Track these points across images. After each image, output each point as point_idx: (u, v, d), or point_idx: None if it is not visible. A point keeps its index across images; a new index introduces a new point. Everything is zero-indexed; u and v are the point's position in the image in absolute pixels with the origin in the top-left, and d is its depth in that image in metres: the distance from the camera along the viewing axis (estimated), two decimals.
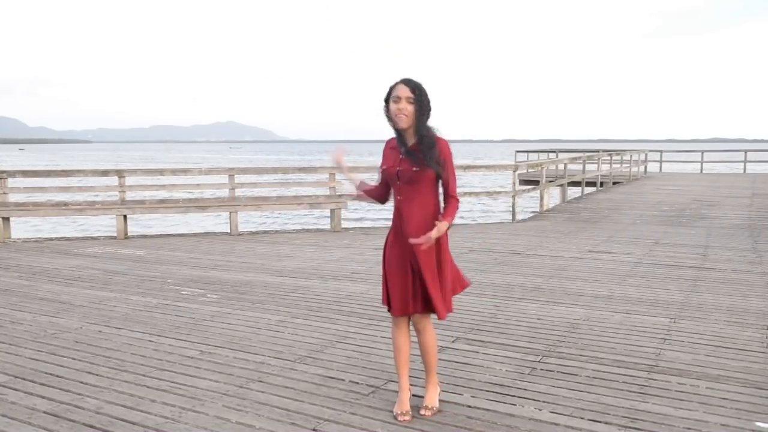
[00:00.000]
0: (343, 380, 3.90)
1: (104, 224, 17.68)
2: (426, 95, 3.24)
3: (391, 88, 3.26)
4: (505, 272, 7.21)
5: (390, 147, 3.36)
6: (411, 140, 3.28)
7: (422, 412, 3.41)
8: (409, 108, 3.21)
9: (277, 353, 4.44)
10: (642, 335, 4.76)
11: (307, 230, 12.50)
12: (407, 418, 3.34)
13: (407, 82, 3.23)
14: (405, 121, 3.22)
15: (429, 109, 3.26)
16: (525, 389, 3.74)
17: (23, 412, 3.50)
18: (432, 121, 3.30)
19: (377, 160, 3.62)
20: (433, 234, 3.16)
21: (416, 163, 3.22)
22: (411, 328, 3.45)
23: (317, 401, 3.59)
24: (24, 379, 4.00)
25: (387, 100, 3.27)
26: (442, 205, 3.35)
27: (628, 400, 3.57)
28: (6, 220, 10.69)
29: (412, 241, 3.19)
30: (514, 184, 13.39)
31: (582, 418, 3.34)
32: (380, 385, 3.81)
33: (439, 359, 4.21)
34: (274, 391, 3.74)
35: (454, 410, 3.45)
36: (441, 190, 3.35)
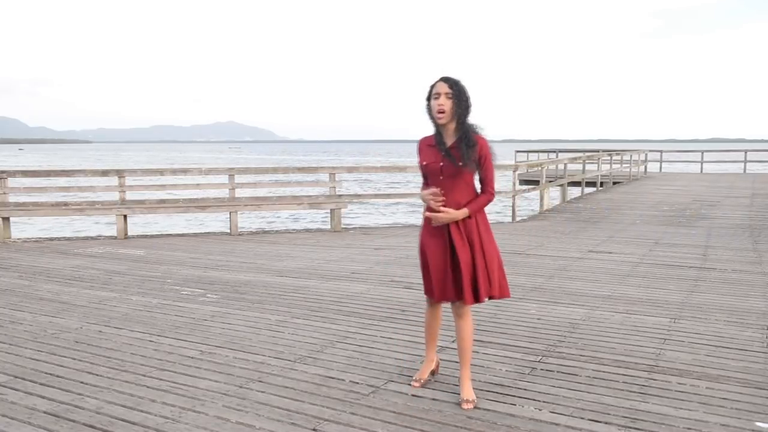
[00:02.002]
0: (343, 380, 3.90)
1: (104, 224, 17.69)
2: (464, 91, 3.36)
3: (432, 87, 3.38)
4: (506, 272, 7.19)
5: (427, 144, 3.48)
6: (451, 136, 3.42)
7: (464, 406, 3.49)
8: (448, 103, 3.33)
9: (277, 353, 4.43)
10: (642, 335, 4.76)
11: (307, 230, 12.50)
12: (417, 384, 3.73)
13: (446, 79, 3.36)
14: (444, 117, 3.35)
15: (468, 105, 3.38)
16: (525, 389, 3.74)
17: (23, 412, 3.50)
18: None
19: (379, 160, 3.70)
20: (442, 216, 3.38)
21: (459, 159, 3.35)
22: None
23: (317, 401, 3.59)
24: (24, 379, 4.00)
25: (429, 99, 3.40)
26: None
27: (629, 400, 3.57)
28: (6, 220, 10.70)
29: (427, 214, 3.43)
30: (514, 184, 13.39)
31: (582, 418, 3.34)
32: (380, 385, 3.81)
33: (440, 359, 4.22)
34: (274, 391, 3.74)
35: (454, 410, 3.45)
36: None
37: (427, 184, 3.50)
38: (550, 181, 15.83)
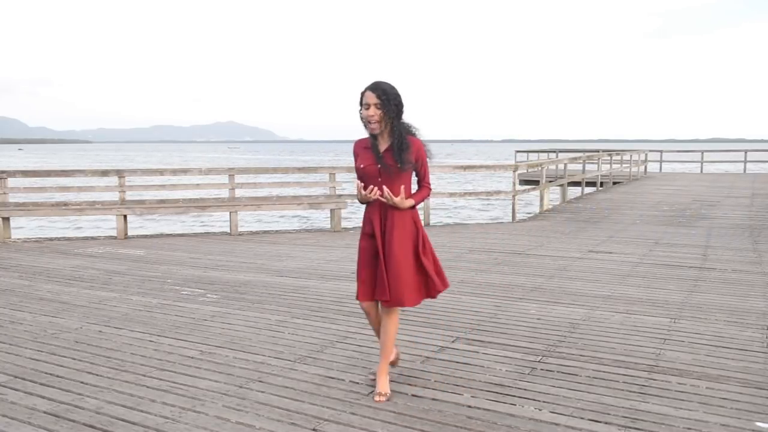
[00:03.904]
0: (343, 380, 3.90)
1: (104, 224, 17.70)
2: (394, 97, 3.43)
3: (361, 95, 3.44)
4: (506, 272, 7.21)
5: (363, 146, 3.55)
6: (386, 140, 3.50)
7: (375, 398, 3.57)
8: (378, 113, 3.41)
9: (277, 353, 4.43)
10: (642, 335, 4.76)
11: (307, 230, 12.50)
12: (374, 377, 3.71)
13: (374, 88, 3.42)
14: (375, 127, 3.44)
15: (398, 110, 3.46)
16: (525, 389, 3.74)
17: (23, 412, 3.50)
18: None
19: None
20: (396, 200, 3.43)
21: (396, 162, 3.44)
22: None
23: (317, 401, 3.59)
24: (24, 379, 4.00)
25: (361, 105, 3.48)
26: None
27: (628, 400, 3.57)
28: (6, 220, 10.69)
29: (380, 197, 3.43)
30: (514, 184, 13.39)
31: (582, 418, 3.34)
32: None
33: (440, 359, 4.23)
34: (274, 391, 3.74)
35: (454, 410, 3.45)
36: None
37: (366, 184, 3.52)
38: (550, 181, 15.83)
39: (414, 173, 3.57)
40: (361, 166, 3.49)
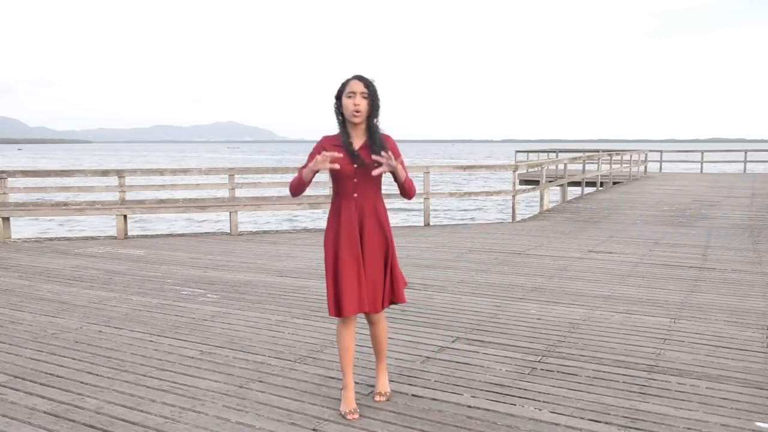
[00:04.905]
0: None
1: (104, 224, 17.69)
2: (377, 91, 3.29)
3: (344, 84, 3.29)
4: (506, 272, 7.21)
5: (334, 144, 3.32)
6: (360, 136, 3.32)
7: (376, 399, 3.54)
8: (364, 103, 3.25)
9: (277, 353, 4.43)
10: (642, 335, 4.76)
11: (307, 230, 12.50)
12: (357, 416, 3.36)
13: (361, 78, 3.28)
14: (360, 117, 3.26)
15: (379, 106, 3.31)
16: (525, 389, 3.74)
17: (23, 412, 3.50)
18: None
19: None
20: (398, 166, 3.18)
21: (376, 160, 3.24)
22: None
23: (317, 401, 3.59)
24: (24, 379, 4.00)
25: (338, 97, 3.30)
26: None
27: (629, 400, 3.57)
28: (6, 220, 10.69)
29: (375, 157, 3.21)
30: (514, 184, 13.39)
31: (582, 418, 3.34)
32: None
33: (440, 359, 4.23)
34: (274, 391, 3.74)
35: (454, 410, 3.45)
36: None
37: (339, 185, 3.35)
38: (550, 181, 15.83)
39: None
40: (337, 165, 3.23)
